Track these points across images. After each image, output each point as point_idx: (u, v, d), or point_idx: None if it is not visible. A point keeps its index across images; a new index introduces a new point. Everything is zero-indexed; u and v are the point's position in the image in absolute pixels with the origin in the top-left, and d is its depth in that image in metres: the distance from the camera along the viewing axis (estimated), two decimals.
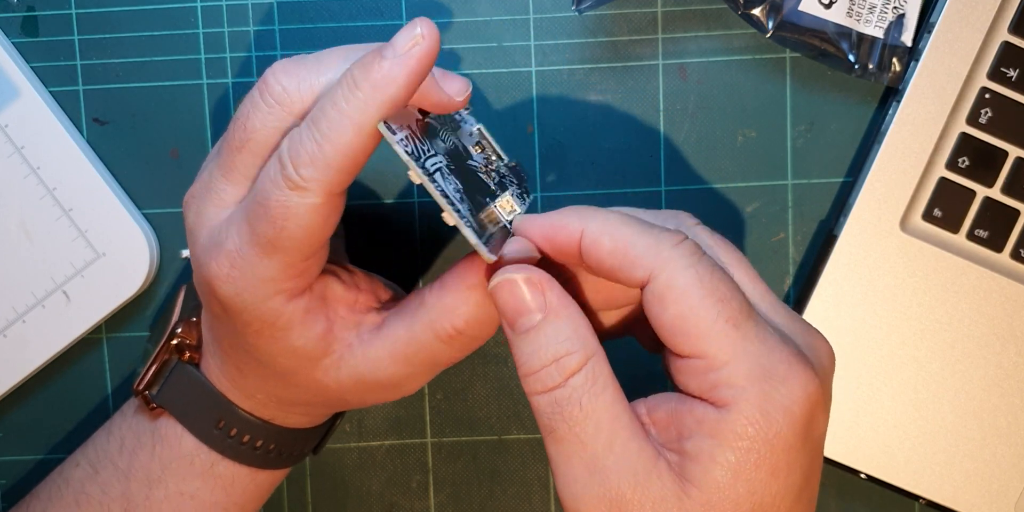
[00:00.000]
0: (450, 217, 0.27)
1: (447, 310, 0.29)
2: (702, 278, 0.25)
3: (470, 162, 0.30)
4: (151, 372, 0.34)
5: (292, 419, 0.34)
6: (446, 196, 0.27)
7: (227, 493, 0.34)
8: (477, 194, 0.29)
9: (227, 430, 0.33)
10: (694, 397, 0.26)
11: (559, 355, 0.26)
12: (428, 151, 0.28)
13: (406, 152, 0.26)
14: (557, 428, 0.26)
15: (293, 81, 0.27)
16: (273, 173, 0.26)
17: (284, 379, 0.31)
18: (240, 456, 0.33)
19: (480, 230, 0.28)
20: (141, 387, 0.34)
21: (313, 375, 0.30)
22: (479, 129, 0.32)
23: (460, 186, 0.28)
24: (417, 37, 0.25)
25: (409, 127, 0.27)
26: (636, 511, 0.25)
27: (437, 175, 0.27)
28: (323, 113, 0.26)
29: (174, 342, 0.34)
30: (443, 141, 0.29)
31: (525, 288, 0.26)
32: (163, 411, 0.33)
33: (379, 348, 0.30)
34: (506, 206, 0.30)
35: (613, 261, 0.26)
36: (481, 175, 0.30)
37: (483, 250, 0.27)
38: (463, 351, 0.30)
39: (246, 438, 0.33)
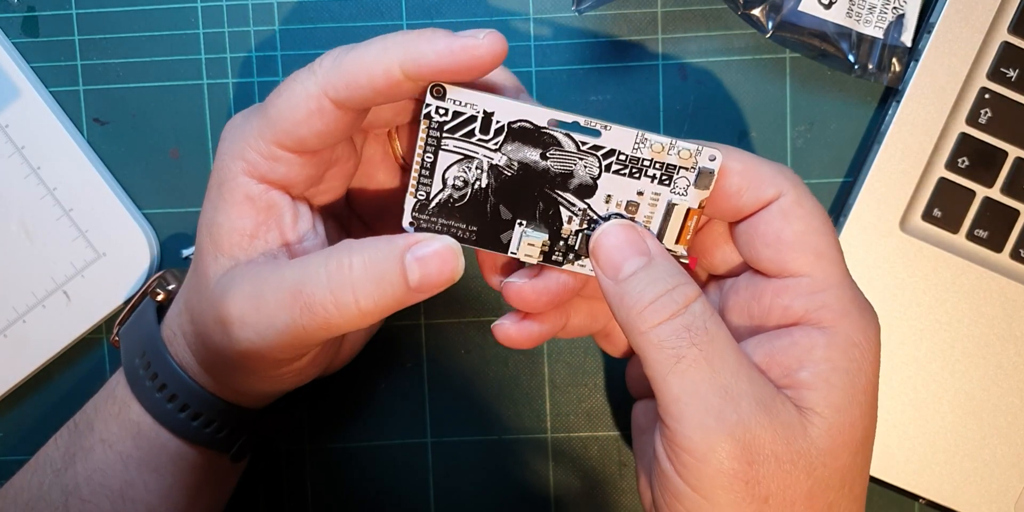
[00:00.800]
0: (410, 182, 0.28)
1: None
2: (820, 206, 0.28)
3: (561, 193, 0.28)
4: (126, 310, 0.36)
5: (201, 375, 0.32)
6: (424, 167, 0.28)
7: (136, 445, 0.32)
8: (524, 218, 0.28)
9: (144, 364, 0.32)
10: (787, 326, 0.27)
11: (673, 285, 0.26)
12: (485, 141, 0.28)
13: (426, 115, 0.27)
14: (687, 354, 0.25)
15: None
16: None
17: (194, 274, 0.30)
18: (144, 396, 0.32)
19: (454, 222, 0.28)
20: (116, 326, 0.35)
21: (206, 270, 0.29)
22: (679, 207, 0.28)
23: (489, 187, 0.28)
24: (483, 38, 0.26)
25: (484, 113, 0.27)
26: (769, 438, 0.25)
27: (449, 155, 0.28)
28: (375, 38, 0.27)
29: (154, 284, 0.35)
30: (540, 157, 0.28)
31: (635, 232, 0.28)
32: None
33: (254, 275, 0.28)
34: (527, 245, 0.29)
35: (743, 180, 0.28)
36: (565, 212, 0.28)
37: (409, 209, 0.28)
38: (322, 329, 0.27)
39: (158, 381, 0.32)
